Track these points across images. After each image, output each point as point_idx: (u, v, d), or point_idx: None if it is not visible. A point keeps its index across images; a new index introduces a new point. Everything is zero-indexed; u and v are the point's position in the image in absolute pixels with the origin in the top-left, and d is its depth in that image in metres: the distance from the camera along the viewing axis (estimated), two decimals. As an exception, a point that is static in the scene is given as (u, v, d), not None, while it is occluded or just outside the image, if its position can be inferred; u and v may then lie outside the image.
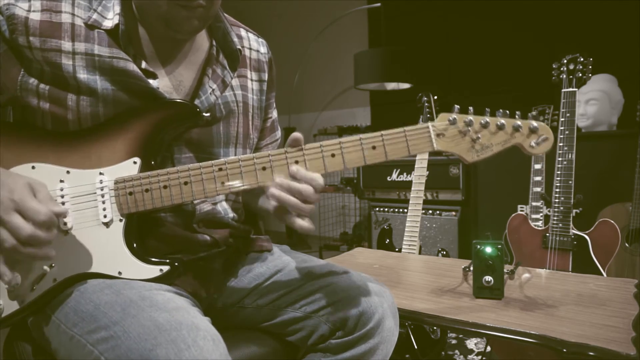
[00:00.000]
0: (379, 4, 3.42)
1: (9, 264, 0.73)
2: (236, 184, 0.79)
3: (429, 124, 0.82)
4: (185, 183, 0.79)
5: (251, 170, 0.79)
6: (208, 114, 0.87)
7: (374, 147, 0.80)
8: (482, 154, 0.82)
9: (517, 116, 0.84)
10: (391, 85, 3.44)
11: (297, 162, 0.79)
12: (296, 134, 0.80)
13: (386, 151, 0.80)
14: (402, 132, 0.81)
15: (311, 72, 4.50)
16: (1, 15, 0.77)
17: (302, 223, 0.77)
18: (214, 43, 0.93)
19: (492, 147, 0.82)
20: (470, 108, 0.83)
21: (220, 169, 0.79)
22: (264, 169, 0.79)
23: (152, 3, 0.79)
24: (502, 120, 0.81)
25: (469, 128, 0.81)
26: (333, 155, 0.80)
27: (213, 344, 0.65)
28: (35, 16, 0.78)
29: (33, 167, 0.79)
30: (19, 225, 0.68)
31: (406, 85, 3.34)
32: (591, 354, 0.83)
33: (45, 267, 0.77)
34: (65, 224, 0.77)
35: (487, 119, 0.82)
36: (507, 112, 0.83)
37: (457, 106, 0.83)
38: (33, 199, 0.70)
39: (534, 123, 0.82)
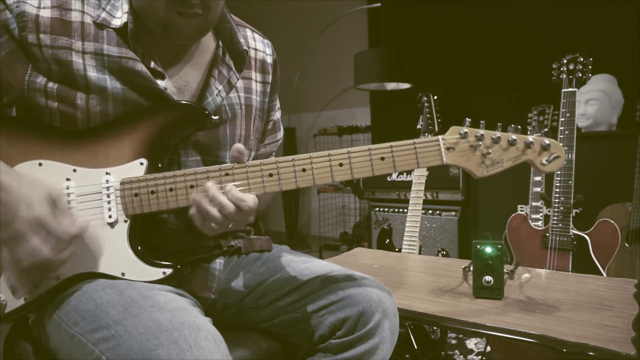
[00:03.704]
0: (379, 4, 3.42)
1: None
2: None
3: (440, 137, 0.80)
4: (191, 186, 0.79)
5: (258, 177, 0.79)
6: (216, 117, 0.86)
7: (382, 159, 0.79)
8: (492, 169, 0.81)
9: (529, 129, 0.83)
10: (391, 85, 3.45)
11: (304, 169, 0.79)
12: (238, 145, 0.78)
13: (395, 163, 0.79)
14: (412, 145, 0.80)
15: (311, 72, 4.50)
16: (10, 13, 0.76)
17: (210, 229, 0.76)
18: (220, 44, 0.93)
19: (502, 162, 0.81)
20: (482, 122, 0.81)
21: (227, 174, 0.79)
22: (270, 175, 0.79)
23: (150, 7, 0.78)
24: (514, 136, 0.80)
25: (480, 143, 0.80)
26: (341, 165, 0.79)
27: (215, 345, 0.65)
28: (46, 13, 0.77)
29: (40, 164, 0.79)
30: (37, 248, 0.67)
31: (406, 85, 3.34)
32: (591, 354, 0.84)
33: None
34: (75, 220, 0.77)
35: (499, 134, 0.80)
36: (519, 127, 0.82)
37: (468, 119, 0.82)
38: (52, 219, 0.68)
39: (546, 140, 0.81)
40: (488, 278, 1.11)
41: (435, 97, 2.06)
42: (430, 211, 2.65)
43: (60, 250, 0.69)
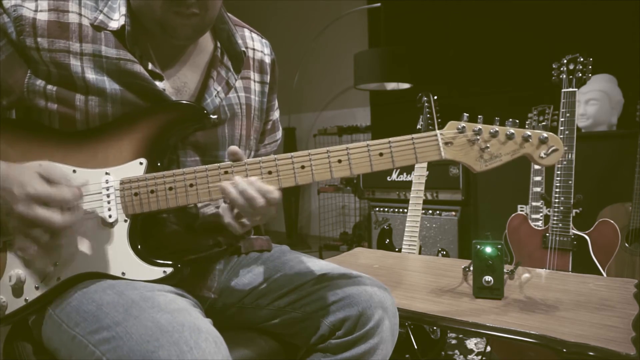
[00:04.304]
0: (379, 4, 3.42)
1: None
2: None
3: (437, 131, 0.80)
4: (191, 185, 0.79)
5: (257, 175, 0.79)
6: (215, 116, 0.86)
7: (381, 154, 0.79)
8: (491, 163, 0.81)
9: (527, 126, 0.83)
10: (391, 85, 3.44)
11: (303, 167, 0.79)
12: (233, 147, 0.79)
13: (393, 158, 0.79)
14: (410, 140, 0.80)
15: (311, 72, 4.51)
16: (8, 17, 0.76)
17: (235, 224, 0.77)
18: (219, 45, 0.93)
19: (500, 156, 0.81)
20: (480, 117, 0.81)
21: (226, 172, 0.79)
22: (270, 172, 0.79)
23: (148, 7, 0.78)
24: (512, 130, 0.80)
25: (478, 137, 0.80)
26: (340, 161, 0.79)
27: (215, 346, 0.65)
28: (43, 16, 0.78)
29: (40, 166, 0.79)
30: (48, 217, 0.68)
31: (406, 85, 3.34)
32: (591, 354, 0.84)
33: (50, 266, 0.77)
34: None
35: (497, 128, 0.80)
36: (517, 121, 0.82)
37: (466, 114, 0.82)
38: (49, 186, 0.70)
39: (544, 134, 0.81)
40: (488, 278, 1.11)
41: (435, 97, 2.06)
42: (430, 211, 2.65)
43: (70, 212, 0.70)
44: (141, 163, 0.80)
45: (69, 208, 0.70)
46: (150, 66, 0.83)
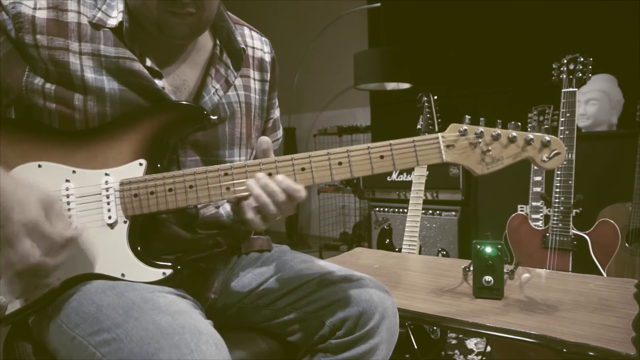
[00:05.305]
0: (379, 4, 3.42)
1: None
2: (241, 189, 0.79)
3: (439, 134, 0.80)
4: (191, 187, 0.79)
5: None
6: (215, 117, 0.86)
7: (381, 157, 0.79)
8: (492, 166, 0.80)
9: (528, 127, 0.82)
10: (391, 85, 3.44)
11: (303, 169, 0.78)
12: (264, 138, 0.79)
13: (394, 161, 0.79)
14: (411, 143, 0.79)
15: (311, 72, 4.50)
16: (7, 14, 0.76)
17: (255, 218, 0.77)
18: (218, 42, 0.92)
19: (502, 160, 0.80)
20: (482, 119, 0.81)
21: (226, 174, 0.78)
22: (269, 174, 0.79)
23: (144, 7, 0.78)
24: (514, 133, 0.79)
25: (480, 140, 0.80)
26: (340, 164, 0.79)
27: (216, 349, 0.65)
28: (42, 14, 0.77)
29: (39, 166, 0.79)
30: (28, 252, 0.64)
31: (406, 85, 3.34)
32: (591, 354, 0.84)
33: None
34: (70, 224, 0.77)
35: (499, 131, 0.80)
36: (519, 124, 0.81)
37: (467, 117, 0.81)
38: (45, 222, 0.66)
39: (547, 137, 0.80)
40: (488, 278, 1.11)
41: (435, 97, 2.06)
42: (430, 211, 2.66)
43: (54, 254, 0.67)
44: (141, 164, 0.80)
45: (52, 250, 0.67)
46: (149, 63, 0.83)
